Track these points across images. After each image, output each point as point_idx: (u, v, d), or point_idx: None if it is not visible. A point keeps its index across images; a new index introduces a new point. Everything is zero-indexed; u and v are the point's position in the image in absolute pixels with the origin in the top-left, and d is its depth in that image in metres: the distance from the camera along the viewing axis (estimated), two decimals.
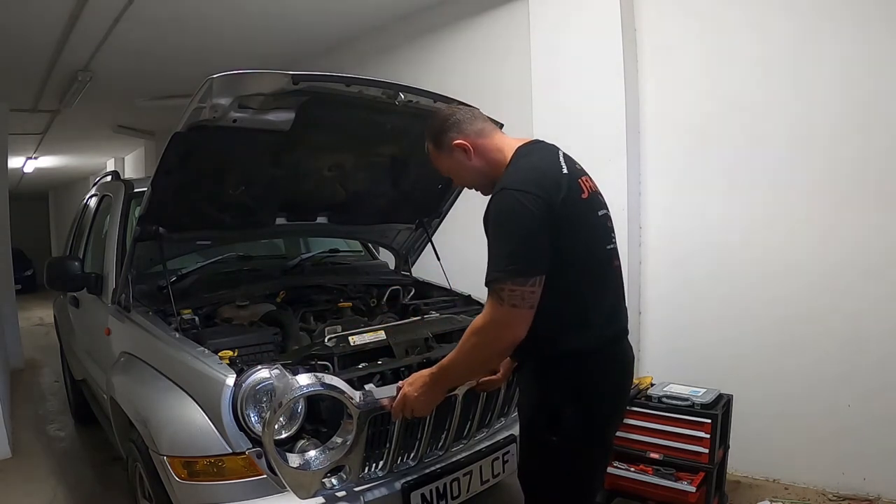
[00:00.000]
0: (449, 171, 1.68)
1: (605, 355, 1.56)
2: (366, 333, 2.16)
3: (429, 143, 1.67)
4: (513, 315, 1.41)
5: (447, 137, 1.62)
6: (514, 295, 1.40)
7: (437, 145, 1.64)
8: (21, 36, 4.25)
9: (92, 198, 3.91)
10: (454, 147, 1.61)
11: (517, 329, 1.42)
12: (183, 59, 5.08)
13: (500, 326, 1.43)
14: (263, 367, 1.85)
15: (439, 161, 1.67)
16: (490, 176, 1.59)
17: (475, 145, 1.60)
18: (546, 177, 1.48)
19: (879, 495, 2.61)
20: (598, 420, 1.55)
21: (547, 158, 1.55)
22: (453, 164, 1.64)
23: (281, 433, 1.82)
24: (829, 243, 2.70)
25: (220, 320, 2.44)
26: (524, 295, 1.40)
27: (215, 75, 1.88)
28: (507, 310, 1.40)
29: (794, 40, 2.75)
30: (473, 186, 1.68)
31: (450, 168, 1.66)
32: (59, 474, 3.41)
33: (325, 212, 2.91)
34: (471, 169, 1.62)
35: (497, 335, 1.44)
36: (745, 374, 2.88)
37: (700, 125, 3.07)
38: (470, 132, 1.61)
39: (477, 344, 1.48)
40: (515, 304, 1.40)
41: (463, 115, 1.64)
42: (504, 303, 1.40)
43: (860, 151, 2.61)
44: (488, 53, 3.96)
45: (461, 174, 1.66)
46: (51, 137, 8.22)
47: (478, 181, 1.65)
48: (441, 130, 1.63)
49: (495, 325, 1.43)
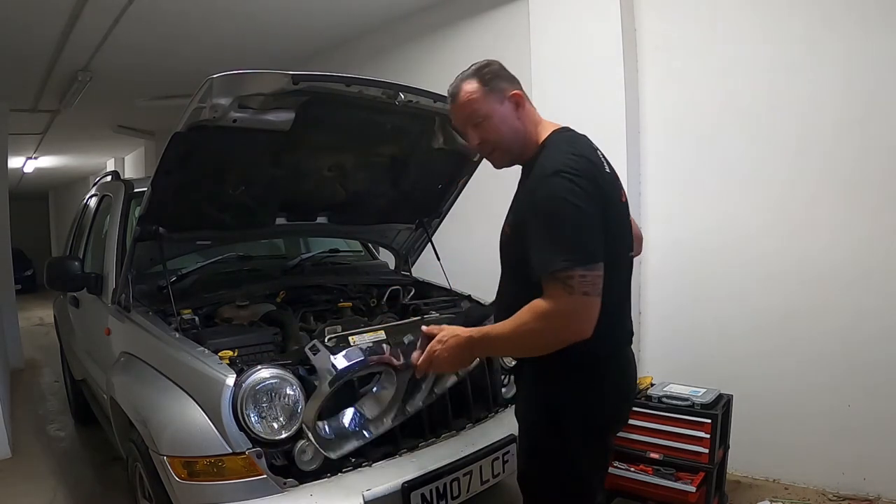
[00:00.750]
0: (484, 119, 1.50)
1: (617, 361, 1.53)
2: (366, 333, 2.16)
3: (473, 83, 1.50)
4: (585, 304, 1.28)
5: (503, 83, 1.50)
6: (586, 282, 1.27)
7: (486, 84, 1.49)
8: (21, 36, 4.25)
9: (92, 198, 3.91)
10: (509, 96, 1.49)
11: (588, 320, 1.29)
12: (183, 59, 5.08)
13: (569, 316, 1.29)
14: (263, 367, 1.85)
15: (480, 102, 1.49)
16: (519, 143, 1.50)
17: (526, 105, 1.51)
18: (599, 173, 1.42)
19: (879, 495, 2.61)
20: (601, 425, 1.52)
21: (593, 155, 1.47)
22: (498, 112, 1.49)
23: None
24: (830, 243, 2.69)
25: (220, 320, 2.44)
26: (595, 281, 1.29)
27: (215, 75, 1.88)
28: (578, 298, 1.27)
29: (795, 39, 2.75)
30: (500, 148, 1.53)
31: (489, 114, 1.49)
32: (59, 474, 3.41)
33: (325, 212, 2.91)
34: (512, 126, 1.50)
35: (565, 325, 1.30)
36: (745, 374, 2.88)
37: (700, 125, 3.07)
38: (521, 91, 1.53)
39: (538, 330, 1.32)
40: (588, 292, 1.28)
41: (510, 73, 1.55)
42: (574, 291, 1.27)
43: (861, 152, 2.61)
44: (488, 53, 3.93)
45: (499, 127, 1.50)
46: (51, 137, 8.22)
47: (509, 142, 1.51)
48: (496, 74, 1.51)
49: (564, 315, 1.29)
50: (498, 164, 1.58)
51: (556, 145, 1.47)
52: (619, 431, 1.71)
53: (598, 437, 1.53)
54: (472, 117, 1.52)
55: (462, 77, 1.53)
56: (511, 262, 1.54)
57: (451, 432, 2.19)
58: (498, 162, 1.57)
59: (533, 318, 1.32)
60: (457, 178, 2.92)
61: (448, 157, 2.77)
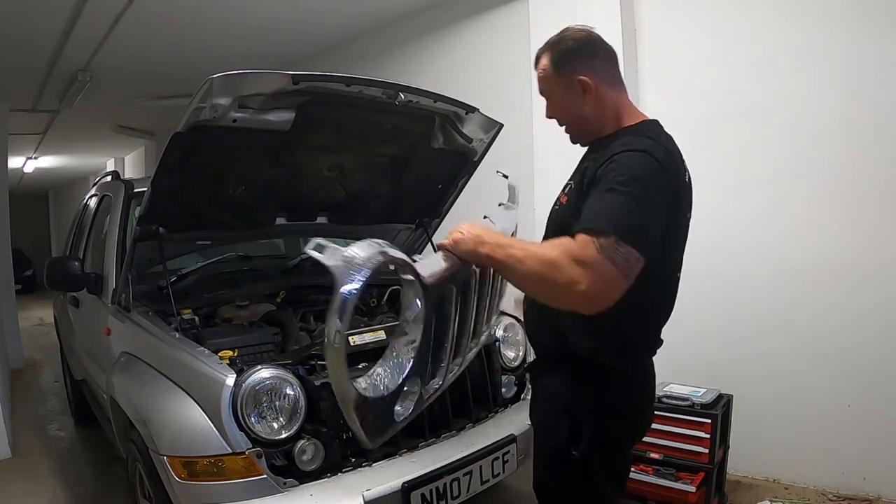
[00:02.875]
0: (552, 97, 1.46)
1: (644, 373, 1.49)
2: (366, 333, 2.16)
3: (547, 59, 1.43)
4: (609, 274, 1.10)
5: (575, 66, 1.39)
6: (620, 255, 1.11)
7: (557, 66, 1.41)
8: (21, 36, 4.25)
9: (92, 198, 3.91)
10: (576, 81, 1.39)
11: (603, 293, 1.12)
12: (183, 59, 5.08)
13: (590, 275, 1.09)
14: (263, 367, 1.85)
15: (547, 81, 1.44)
16: (593, 126, 1.42)
17: (598, 91, 1.39)
18: (679, 177, 1.34)
19: (879, 495, 2.61)
20: (622, 433, 1.46)
21: (679, 159, 1.37)
22: (563, 95, 1.42)
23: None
24: (831, 243, 2.69)
25: (220, 320, 2.44)
26: (628, 258, 1.12)
27: (215, 75, 1.88)
28: (606, 264, 1.10)
29: (796, 39, 2.75)
30: (567, 126, 1.48)
31: (555, 94, 1.44)
32: (59, 474, 3.41)
33: (325, 212, 2.91)
34: (578, 112, 1.42)
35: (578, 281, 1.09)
36: (745, 375, 2.88)
37: (700, 125, 3.07)
38: (600, 72, 1.40)
39: (542, 276, 1.14)
40: (617, 264, 1.10)
41: (601, 48, 1.43)
42: (604, 255, 1.10)
43: (862, 152, 2.61)
44: (488, 53, 3.96)
45: (564, 109, 1.44)
46: (51, 137, 8.22)
47: (577, 124, 1.45)
48: (571, 54, 1.40)
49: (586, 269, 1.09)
50: (571, 140, 1.50)
51: (648, 130, 1.37)
52: (636, 444, 1.65)
53: (618, 448, 1.47)
54: (542, 92, 1.48)
55: (544, 47, 1.46)
56: (561, 233, 1.29)
57: (451, 432, 2.19)
58: (570, 138, 1.50)
59: (546, 263, 1.14)
60: (457, 178, 2.92)
61: (448, 157, 2.77)
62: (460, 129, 2.65)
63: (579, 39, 1.42)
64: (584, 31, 1.45)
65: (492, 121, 2.69)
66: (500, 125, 2.73)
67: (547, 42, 1.46)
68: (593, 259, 1.10)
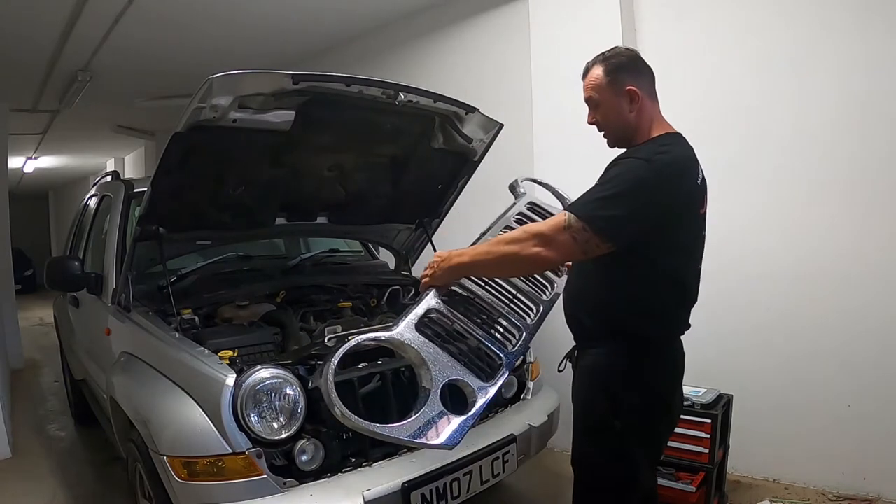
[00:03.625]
0: (600, 104, 1.65)
1: (671, 347, 1.68)
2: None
3: (600, 69, 1.64)
4: (564, 246, 1.47)
5: (626, 77, 1.61)
6: (581, 235, 1.45)
7: (610, 76, 1.62)
8: (21, 36, 4.24)
9: (92, 198, 3.91)
10: (626, 91, 1.60)
11: (557, 255, 1.50)
12: (183, 59, 5.07)
13: (546, 243, 1.47)
14: (263, 367, 1.85)
15: (600, 90, 1.64)
16: (631, 133, 1.63)
17: (642, 101, 1.61)
18: (686, 177, 1.54)
19: (879, 495, 2.61)
20: (655, 404, 1.61)
21: (687, 161, 1.58)
22: (612, 102, 1.62)
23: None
24: (828, 242, 2.69)
25: (220, 320, 2.44)
26: (589, 241, 1.46)
27: (215, 75, 1.88)
28: (565, 237, 1.46)
29: (793, 40, 2.75)
30: (608, 131, 1.68)
31: (603, 102, 1.64)
32: (59, 474, 3.41)
33: (324, 212, 2.91)
34: (623, 118, 1.62)
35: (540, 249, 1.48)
36: (745, 374, 2.88)
37: (699, 125, 3.03)
38: (644, 86, 1.62)
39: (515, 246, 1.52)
40: (576, 239, 1.45)
41: (645, 67, 1.65)
42: (567, 230, 1.45)
43: (858, 151, 2.61)
44: (488, 53, 3.96)
45: (610, 116, 1.64)
46: (51, 137, 8.21)
47: (617, 130, 1.66)
48: (623, 67, 1.62)
49: (543, 240, 1.47)
50: (609, 144, 1.71)
51: (665, 141, 1.58)
52: (672, 426, 1.77)
53: (652, 418, 1.61)
54: (591, 100, 1.67)
55: (595, 60, 1.67)
56: None
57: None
58: (608, 142, 1.71)
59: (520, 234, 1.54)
60: (457, 178, 2.92)
61: (448, 157, 2.77)
62: (460, 129, 2.65)
63: (630, 56, 1.65)
64: (631, 49, 1.70)
65: (492, 121, 2.69)
66: (500, 125, 2.73)
67: (598, 56, 1.67)
68: (557, 233, 1.47)
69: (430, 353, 1.57)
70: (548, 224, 1.51)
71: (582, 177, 1.74)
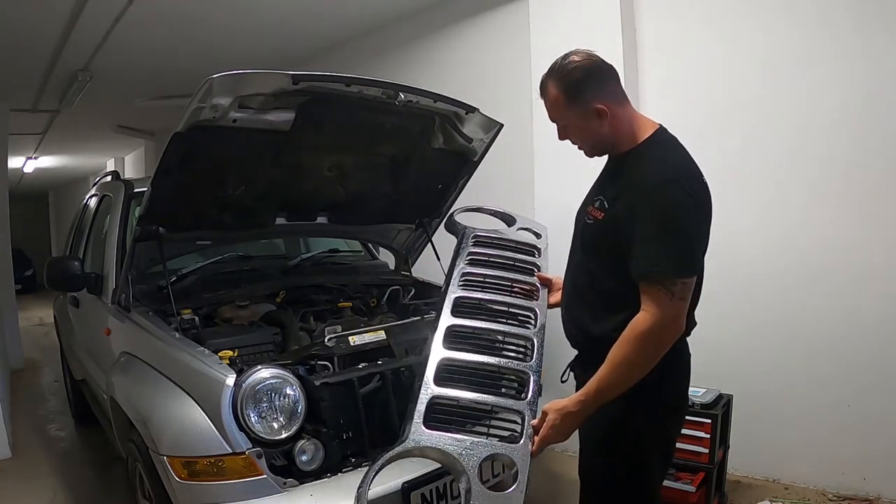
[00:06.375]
0: (568, 125, 1.53)
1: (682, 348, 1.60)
2: (366, 333, 2.16)
3: (556, 89, 1.49)
4: (682, 309, 1.40)
5: (588, 95, 1.46)
6: (686, 288, 1.39)
7: (570, 97, 1.47)
8: (21, 36, 4.24)
9: (92, 198, 3.91)
10: (592, 110, 1.46)
11: (682, 322, 1.42)
12: (183, 59, 5.08)
13: (673, 321, 1.39)
14: (263, 367, 1.85)
15: (562, 111, 1.51)
16: (609, 143, 1.52)
17: (612, 113, 1.46)
18: (704, 182, 1.48)
19: (879, 495, 2.61)
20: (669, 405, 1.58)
21: (695, 164, 1.50)
22: (580, 123, 1.50)
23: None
24: (828, 241, 2.69)
25: (220, 320, 2.44)
26: (691, 287, 1.41)
27: (215, 75, 1.88)
28: (678, 304, 1.38)
29: (794, 39, 2.75)
30: (585, 147, 1.57)
31: (571, 123, 1.52)
32: (59, 474, 3.41)
33: (325, 212, 2.91)
34: (596, 134, 1.50)
35: (669, 330, 1.39)
36: (745, 374, 2.87)
37: (700, 125, 3.06)
38: (610, 95, 1.48)
39: (644, 349, 1.38)
40: (684, 298, 1.40)
41: (606, 71, 1.49)
42: (675, 297, 1.37)
43: (858, 151, 2.61)
44: (488, 53, 3.96)
45: (582, 135, 1.53)
46: (51, 137, 8.21)
47: (594, 144, 1.55)
48: (582, 83, 1.46)
49: (670, 320, 1.38)
50: (587, 155, 1.61)
51: (662, 149, 1.49)
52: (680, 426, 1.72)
53: (664, 423, 1.58)
54: (555, 119, 1.56)
55: (549, 74, 1.52)
56: (597, 247, 1.55)
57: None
58: (585, 153, 1.61)
59: (636, 340, 1.38)
60: (457, 177, 2.92)
61: (448, 157, 2.77)
62: (460, 129, 2.65)
63: (586, 68, 1.47)
64: (586, 57, 1.50)
65: (492, 121, 2.69)
66: (500, 125, 2.73)
67: (551, 69, 1.51)
68: (671, 309, 1.37)
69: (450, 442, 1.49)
70: (649, 314, 1.37)
71: (582, 177, 1.74)
